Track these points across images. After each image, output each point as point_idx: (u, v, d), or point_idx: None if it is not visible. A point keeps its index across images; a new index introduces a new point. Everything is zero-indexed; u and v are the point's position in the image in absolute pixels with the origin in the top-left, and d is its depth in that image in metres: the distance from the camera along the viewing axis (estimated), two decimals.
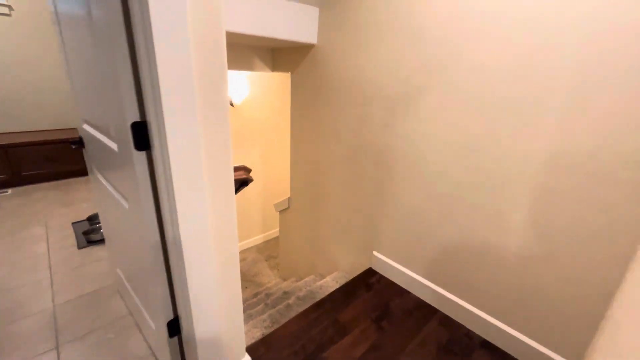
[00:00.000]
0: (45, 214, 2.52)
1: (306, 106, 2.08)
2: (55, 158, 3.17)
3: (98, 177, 1.29)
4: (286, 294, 2.12)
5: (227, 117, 0.83)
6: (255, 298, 2.40)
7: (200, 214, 0.84)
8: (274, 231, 3.88)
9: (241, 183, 1.30)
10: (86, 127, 1.21)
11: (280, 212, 2.66)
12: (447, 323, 1.52)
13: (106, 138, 1.01)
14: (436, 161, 1.43)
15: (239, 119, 3.08)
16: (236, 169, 1.28)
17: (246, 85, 3.03)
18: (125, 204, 1.02)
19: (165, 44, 0.65)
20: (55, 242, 2.12)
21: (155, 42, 0.64)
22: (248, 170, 1.36)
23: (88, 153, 1.35)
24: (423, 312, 1.58)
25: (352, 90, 1.72)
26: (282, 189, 2.89)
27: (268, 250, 3.65)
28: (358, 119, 1.73)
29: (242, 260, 3.42)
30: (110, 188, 1.15)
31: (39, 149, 3.07)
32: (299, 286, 2.21)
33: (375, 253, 1.88)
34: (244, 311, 2.08)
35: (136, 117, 0.77)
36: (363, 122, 1.71)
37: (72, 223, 2.37)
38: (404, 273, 1.73)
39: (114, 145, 0.95)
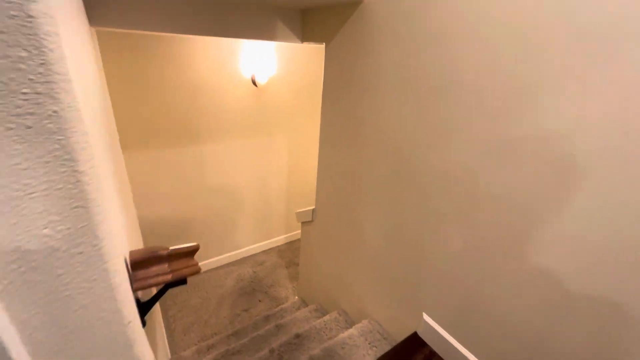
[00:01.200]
0: None
1: (342, 94, 1.47)
2: None
3: None
4: (298, 339, 1.64)
5: None
6: (263, 329, 1.95)
7: None
8: (299, 232, 3.40)
9: (167, 286, 0.75)
10: None
11: (303, 223, 2.15)
12: None
13: None
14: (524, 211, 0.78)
15: (262, 101, 2.55)
16: (153, 259, 0.73)
17: (274, 61, 2.46)
18: None
19: None
20: None
21: None
22: (188, 253, 0.78)
23: None
24: None
25: (414, 77, 1.08)
26: (311, 186, 2.37)
27: (291, 254, 3.20)
28: (416, 123, 1.10)
29: (260, 264, 3.01)
30: None
31: None
32: (317, 329, 1.71)
33: (425, 316, 1.29)
34: (241, 352, 1.64)
35: None
36: (423, 130, 1.08)
37: None
38: None
39: None
